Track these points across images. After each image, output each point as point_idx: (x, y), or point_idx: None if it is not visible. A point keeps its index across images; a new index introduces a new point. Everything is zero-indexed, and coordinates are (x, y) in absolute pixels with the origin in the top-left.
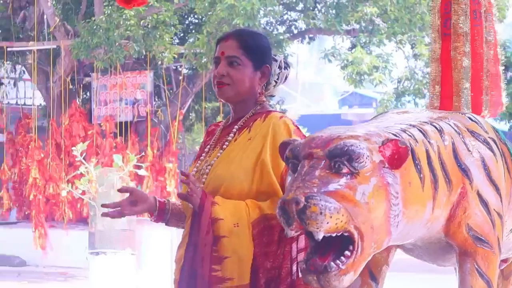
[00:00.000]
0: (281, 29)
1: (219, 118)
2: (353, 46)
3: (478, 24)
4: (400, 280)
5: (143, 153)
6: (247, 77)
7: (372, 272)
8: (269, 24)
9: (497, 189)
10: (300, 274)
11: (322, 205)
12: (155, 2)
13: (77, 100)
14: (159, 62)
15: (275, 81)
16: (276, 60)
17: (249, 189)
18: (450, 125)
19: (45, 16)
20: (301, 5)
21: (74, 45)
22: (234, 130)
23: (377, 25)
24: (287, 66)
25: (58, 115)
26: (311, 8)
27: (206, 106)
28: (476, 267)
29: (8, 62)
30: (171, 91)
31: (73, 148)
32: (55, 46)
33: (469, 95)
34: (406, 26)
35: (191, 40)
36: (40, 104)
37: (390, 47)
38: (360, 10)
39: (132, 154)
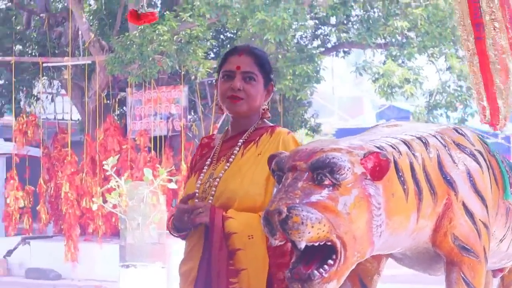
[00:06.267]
0: (315, 43)
1: None
2: (386, 59)
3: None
4: None
5: (173, 167)
6: (259, 93)
7: (363, 282)
8: (303, 39)
9: (482, 200)
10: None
11: (303, 215)
12: (189, 18)
13: (112, 115)
14: (193, 77)
15: None
16: None
17: (262, 202)
18: (436, 138)
19: (80, 32)
20: (333, 20)
21: (109, 60)
22: (239, 143)
23: (409, 39)
24: None
25: (93, 130)
26: (343, 22)
27: None
28: (463, 276)
29: (44, 77)
30: (206, 105)
31: (104, 162)
32: (90, 62)
33: None
34: (437, 39)
35: None
36: (78, 119)
37: (423, 60)
38: (391, 24)
39: (163, 168)
